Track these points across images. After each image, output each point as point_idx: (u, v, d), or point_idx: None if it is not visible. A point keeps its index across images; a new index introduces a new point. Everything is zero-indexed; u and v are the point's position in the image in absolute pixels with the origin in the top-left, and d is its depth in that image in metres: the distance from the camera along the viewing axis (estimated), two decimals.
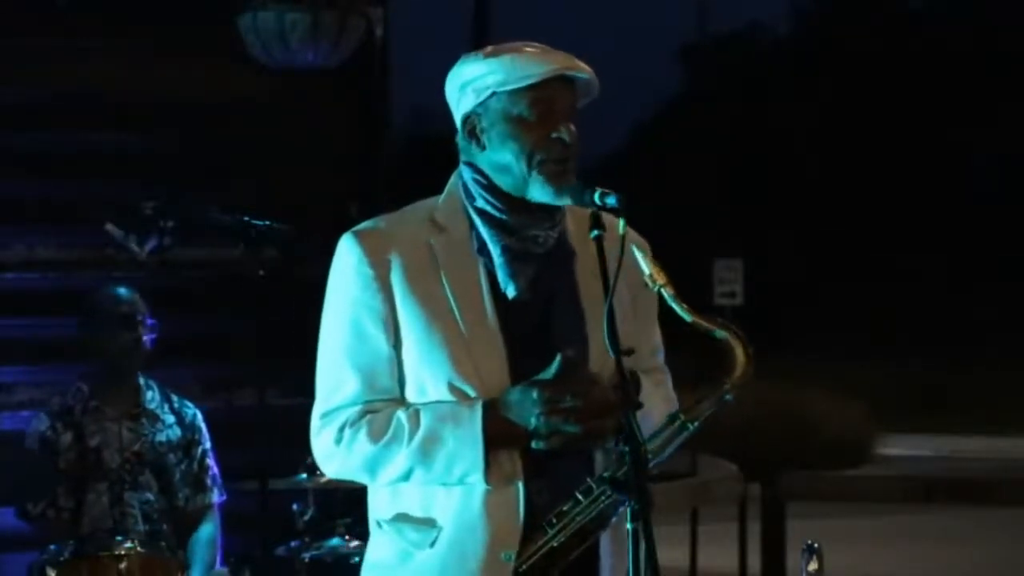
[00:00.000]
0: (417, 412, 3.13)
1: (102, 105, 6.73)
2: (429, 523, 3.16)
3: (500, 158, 3.16)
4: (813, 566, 3.48)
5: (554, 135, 3.13)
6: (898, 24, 32.58)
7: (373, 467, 3.16)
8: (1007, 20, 29.89)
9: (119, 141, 6.76)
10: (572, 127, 3.14)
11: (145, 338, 5.43)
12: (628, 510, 2.93)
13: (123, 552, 4.90)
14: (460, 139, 3.23)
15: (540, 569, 3.10)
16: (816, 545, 3.50)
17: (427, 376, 3.16)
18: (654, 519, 2.94)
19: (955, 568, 10.54)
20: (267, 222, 5.14)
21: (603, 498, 3.08)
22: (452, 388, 3.14)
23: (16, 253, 6.68)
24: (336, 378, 3.19)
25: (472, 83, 3.17)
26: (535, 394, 3.07)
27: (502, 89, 3.14)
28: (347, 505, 5.49)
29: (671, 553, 8.35)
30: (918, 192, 30.23)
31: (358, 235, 3.22)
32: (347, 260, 3.20)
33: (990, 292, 27.23)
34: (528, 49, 3.16)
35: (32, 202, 6.66)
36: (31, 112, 6.64)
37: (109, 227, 5.77)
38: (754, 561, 8.51)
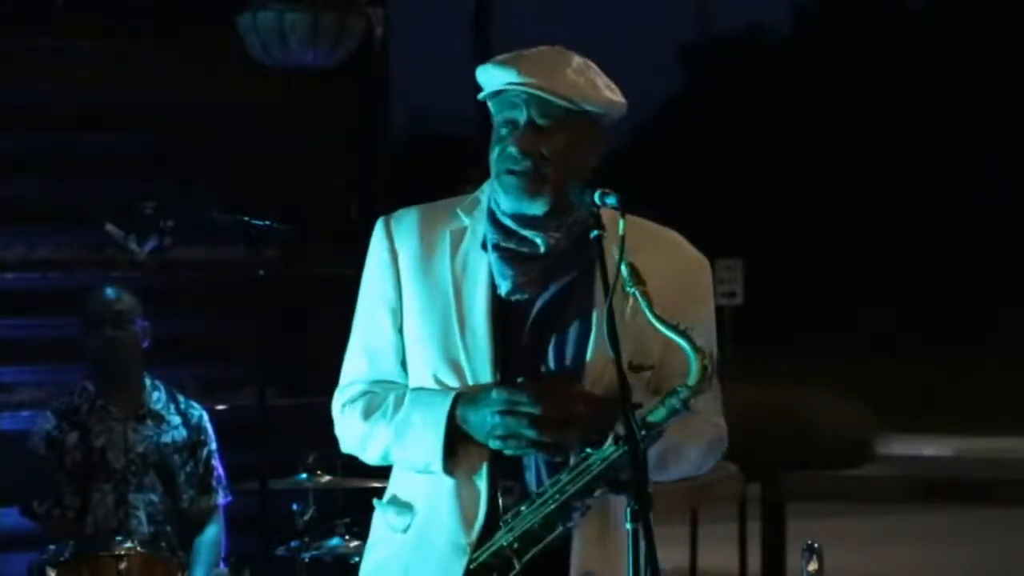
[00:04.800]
0: (404, 396, 3.22)
1: (102, 105, 6.72)
2: (408, 508, 3.23)
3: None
4: (813, 566, 3.48)
5: (507, 148, 3.16)
6: (898, 24, 32.58)
7: (363, 443, 3.27)
8: (1007, 20, 29.88)
9: (119, 141, 6.75)
10: (526, 138, 3.13)
11: (131, 337, 5.41)
12: (628, 510, 2.93)
13: (123, 552, 4.90)
14: None
15: (494, 568, 3.10)
16: (816, 545, 3.50)
17: (419, 362, 3.23)
18: (654, 519, 2.94)
19: (955, 568, 10.55)
20: (267, 222, 5.14)
21: (550, 503, 3.08)
22: (436, 378, 3.20)
23: (16, 253, 6.67)
24: (350, 357, 3.32)
25: (483, 90, 3.25)
26: (494, 393, 3.10)
27: (485, 98, 3.22)
28: (347, 505, 5.50)
29: (671, 553, 8.36)
30: (918, 192, 30.23)
31: (384, 220, 3.32)
32: (372, 243, 3.31)
33: (990, 292, 27.23)
34: (502, 57, 3.20)
35: (32, 202, 6.66)
36: (31, 112, 6.64)
37: (109, 227, 5.78)
38: (754, 561, 8.51)
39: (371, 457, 3.28)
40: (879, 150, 30.71)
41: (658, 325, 3.03)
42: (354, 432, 3.27)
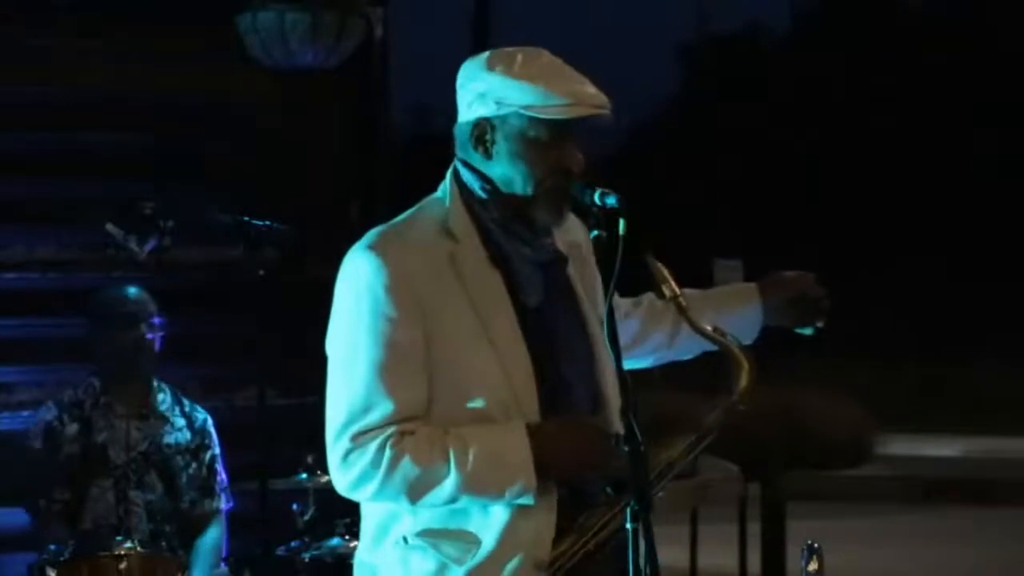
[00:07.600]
0: (462, 436, 3.11)
1: (102, 105, 6.73)
2: (467, 537, 3.15)
3: (507, 173, 3.17)
4: (813, 566, 3.49)
5: (565, 165, 3.15)
6: (898, 24, 32.58)
7: (417, 490, 3.11)
8: (1007, 20, 29.90)
9: (119, 141, 6.76)
10: (581, 156, 3.18)
11: (150, 337, 5.43)
12: (628, 510, 2.95)
13: (123, 552, 4.90)
14: (464, 138, 3.22)
15: (573, 572, 3.14)
16: (816, 545, 3.50)
17: (458, 390, 3.15)
18: (654, 519, 2.95)
19: (955, 568, 10.54)
20: (267, 222, 5.14)
21: (617, 517, 3.12)
22: (486, 400, 3.13)
23: (16, 253, 6.68)
24: (368, 398, 3.12)
25: (495, 95, 3.14)
26: (590, 428, 3.18)
27: (527, 112, 3.12)
28: (347, 505, 5.49)
29: (671, 553, 8.35)
30: (918, 191, 30.24)
31: (379, 252, 3.15)
32: (375, 278, 3.12)
33: (990, 291, 27.23)
34: (561, 79, 3.14)
35: (32, 202, 6.66)
36: (31, 112, 6.64)
37: (109, 227, 5.77)
38: (754, 561, 8.50)
39: (424, 502, 3.13)
40: (879, 150, 30.72)
41: (699, 333, 3.21)
42: (401, 479, 3.10)
